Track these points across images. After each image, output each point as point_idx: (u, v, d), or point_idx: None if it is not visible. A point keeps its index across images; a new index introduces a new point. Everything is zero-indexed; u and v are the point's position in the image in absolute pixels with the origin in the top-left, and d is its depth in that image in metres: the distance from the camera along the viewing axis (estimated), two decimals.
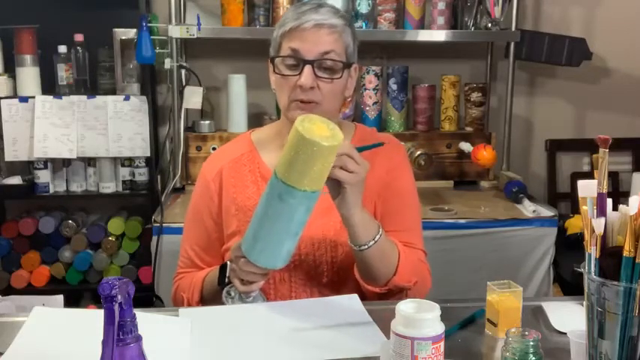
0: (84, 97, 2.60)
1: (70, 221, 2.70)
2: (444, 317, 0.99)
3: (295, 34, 1.41)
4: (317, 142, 1.17)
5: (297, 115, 1.25)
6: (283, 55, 1.43)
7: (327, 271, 1.47)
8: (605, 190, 0.96)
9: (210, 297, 1.46)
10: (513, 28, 2.69)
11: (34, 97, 2.58)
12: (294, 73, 1.42)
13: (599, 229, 0.94)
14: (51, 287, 2.66)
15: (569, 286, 2.44)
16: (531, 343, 0.97)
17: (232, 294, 1.38)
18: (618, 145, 1.20)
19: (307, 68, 1.40)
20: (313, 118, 1.23)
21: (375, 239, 1.36)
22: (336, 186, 1.30)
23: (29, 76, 2.61)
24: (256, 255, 1.27)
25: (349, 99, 2.51)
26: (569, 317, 1.27)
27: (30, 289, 2.64)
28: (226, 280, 1.40)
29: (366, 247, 1.35)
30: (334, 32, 1.41)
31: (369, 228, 1.36)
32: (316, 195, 1.23)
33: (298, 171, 1.19)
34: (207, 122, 2.71)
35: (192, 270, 1.56)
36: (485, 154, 2.58)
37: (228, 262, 1.40)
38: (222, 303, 1.39)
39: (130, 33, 2.59)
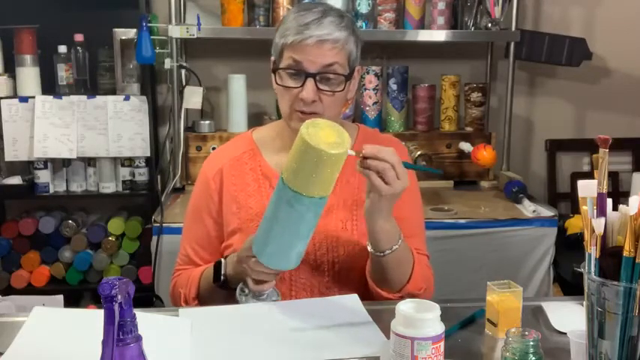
0: (84, 97, 2.60)
1: (70, 221, 2.70)
2: (444, 317, 0.99)
3: (297, 48, 1.39)
4: (324, 150, 1.15)
5: (298, 126, 1.22)
6: (285, 66, 1.42)
7: (329, 271, 1.47)
8: (605, 190, 0.96)
9: (207, 293, 1.47)
10: (513, 28, 2.69)
11: (34, 97, 2.58)
12: (297, 84, 1.41)
13: (599, 229, 0.94)
14: (51, 287, 2.66)
15: (569, 286, 2.44)
16: (531, 343, 0.97)
17: (246, 291, 1.38)
18: (618, 145, 1.20)
19: (309, 82, 1.39)
20: (319, 122, 1.21)
21: (393, 249, 1.35)
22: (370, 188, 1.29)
23: (29, 76, 2.61)
24: (267, 258, 1.28)
25: (350, 101, 2.51)
26: (569, 317, 1.27)
27: (30, 289, 2.64)
28: (222, 277, 1.40)
29: (382, 254, 1.35)
30: (337, 46, 1.40)
31: (390, 236, 1.35)
32: (324, 200, 1.22)
33: (306, 178, 1.18)
34: (207, 122, 2.71)
35: (190, 267, 1.56)
36: (485, 154, 2.58)
37: (222, 260, 1.41)
38: (219, 300, 1.40)
39: (130, 33, 2.59)
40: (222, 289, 1.43)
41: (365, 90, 2.71)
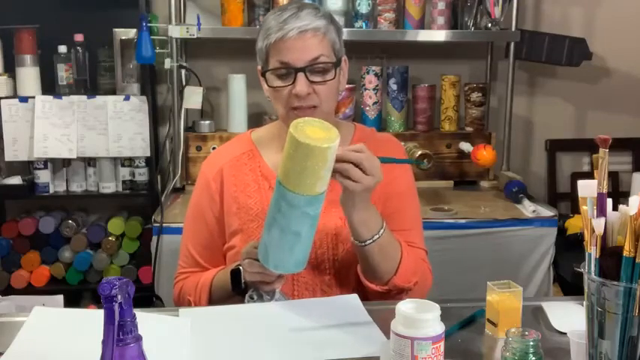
0: (84, 97, 2.60)
1: (70, 221, 2.70)
2: (444, 317, 0.99)
3: (281, 45, 1.40)
4: (311, 145, 1.16)
5: None
6: (273, 67, 1.43)
7: (329, 269, 1.47)
8: (605, 190, 0.96)
9: (221, 300, 1.45)
10: (513, 28, 2.69)
11: (34, 97, 2.58)
12: (287, 83, 1.42)
13: (599, 229, 0.94)
14: (51, 287, 2.66)
15: (569, 286, 2.44)
16: (531, 343, 0.97)
17: (255, 297, 1.37)
18: (618, 145, 1.20)
19: (300, 76, 1.40)
20: (307, 120, 1.23)
21: (374, 238, 1.36)
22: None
23: (29, 76, 2.61)
24: (269, 260, 1.27)
25: (343, 92, 2.51)
26: (569, 317, 1.27)
27: (30, 289, 2.64)
28: (243, 285, 1.39)
29: (364, 244, 1.36)
30: (318, 35, 1.41)
31: (370, 225, 1.36)
32: (321, 197, 1.22)
33: (298, 176, 1.19)
34: (207, 122, 2.71)
35: (194, 269, 1.56)
36: (485, 154, 2.58)
37: (241, 268, 1.39)
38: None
39: (130, 33, 2.59)
40: (240, 295, 1.41)
41: (365, 90, 2.71)
